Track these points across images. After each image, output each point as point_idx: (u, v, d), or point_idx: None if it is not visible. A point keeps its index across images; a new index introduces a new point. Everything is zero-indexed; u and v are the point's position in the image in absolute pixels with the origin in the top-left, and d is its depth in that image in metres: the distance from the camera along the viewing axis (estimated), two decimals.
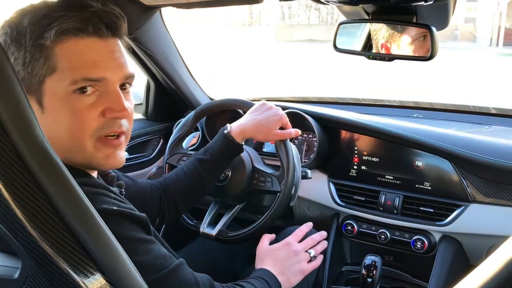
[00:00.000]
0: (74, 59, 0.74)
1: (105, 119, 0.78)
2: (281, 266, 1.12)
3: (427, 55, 1.13)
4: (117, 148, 0.81)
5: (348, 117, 1.57)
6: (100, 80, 0.76)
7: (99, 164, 0.81)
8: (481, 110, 1.81)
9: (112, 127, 0.79)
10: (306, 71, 12.09)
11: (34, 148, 0.50)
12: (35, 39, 0.73)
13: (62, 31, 0.73)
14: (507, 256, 0.40)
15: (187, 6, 1.42)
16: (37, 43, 0.73)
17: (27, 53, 0.73)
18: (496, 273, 0.40)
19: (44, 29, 0.73)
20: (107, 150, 0.80)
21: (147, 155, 1.86)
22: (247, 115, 1.30)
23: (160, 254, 0.82)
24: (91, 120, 0.76)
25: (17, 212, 0.50)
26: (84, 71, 0.75)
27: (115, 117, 0.79)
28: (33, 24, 0.73)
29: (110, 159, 0.81)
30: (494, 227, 1.32)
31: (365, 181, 1.53)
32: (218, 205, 1.46)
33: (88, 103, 0.76)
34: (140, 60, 1.70)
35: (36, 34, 0.73)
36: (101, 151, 0.79)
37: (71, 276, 0.53)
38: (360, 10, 1.20)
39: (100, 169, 0.84)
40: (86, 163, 0.80)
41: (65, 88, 0.74)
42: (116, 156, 0.82)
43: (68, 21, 0.73)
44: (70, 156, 0.78)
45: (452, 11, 1.11)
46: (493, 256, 0.42)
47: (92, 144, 0.78)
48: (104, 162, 0.81)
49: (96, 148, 0.78)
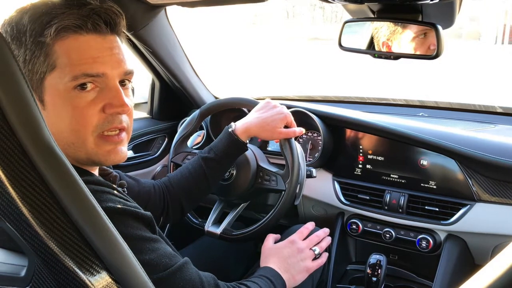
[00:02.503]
0: (74, 55, 0.75)
1: (105, 115, 0.79)
2: (286, 264, 1.13)
3: (432, 54, 1.12)
4: (118, 144, 0.82)
5: (353, 115, 1.56)
6: (100, 76, 0.77)
7: (100, 160, 0.81)
8: (487, 109, 1.80)
9: (112, 122, 0.80)
10: (310, 70, 12.06)
11: (41, 147, 0.50)
12: (35, 37, 0.74)
13: (61, 28, 0.74)
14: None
15: (192, 4, 1.42)
16: (37, 41, 0.74)
17: (28, 51, 0.74)
18: (503, 274, 0.40)
19: (44, 27, 0.73)
20: (108, 146, 0.80)
21: (152, 154, 1.86)
22: (252, 114, 1.29)
23: (165, 253, 0.82)
24: (91, 116, 0.77)
25: (23, 211, 0.50)
26: (84, 67, 0.75)
27: (115, 113, 0.79)
28: (33, 22, 0.74)
29: (112, 154, 0.81)
30: (499, 226, 1.31)
31: (370, 180, 1.53)
32: (222, 204, 1.46)
33: (88, 99, 0.77)
34: (145, 58, 1.70)
35: (36, 32, 0.74)
36: (102, 148, 0.80)
37: (77, 274, 0.53)
38: (366, 9, 1.20)
39: (102, 164, 0.85)
40: (88, 158, 0.80)
41: (65, 84, 0.75)
42: (117, 151, 0.82)
43: (67, 18, 0.74)
44: (72, 152, 0.78)
45: (458, 9, 1.10)
46: (499, 256, 0.42)
47: (93, 141, 0.78)
48: (106, 158, 0.81)
49: (97, 144, 0.79)
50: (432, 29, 1.10)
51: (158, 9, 1.53)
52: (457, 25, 1.46)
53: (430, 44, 1.14)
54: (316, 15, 27.77)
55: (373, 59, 1.28)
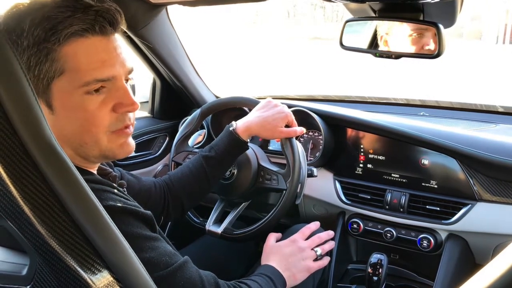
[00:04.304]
0: (83, 59, 0.75)
1: (116, 114, 0.80)
2: (287, 263, 1.13)
3: (434, 53, 1.12)
4: (128, 137, 0.85)
5: (354, 115, 1.56)
6: (110, 79, 0.78)
7: (114, 153, 0.84)
8: (488, 108, 1.80)
9: (123, 121, 0.82)
10: (311, 69, 12.06)
11: (42, 146, 0.50)
12: (40, 43, 0.72)
13: (71, 34, 0.73)
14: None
15: (193, 4, 1.42)
16: (42, 47, 0.72)
17: (32, 57, 0.73)
18: (504, 273, 0.40)
19: (47, 32, 0.72)
20: (121, 139, 0.83)
21: (153, 153, 1.86)
22: (253, 113, 1.29)
23: (166, 252, 0.82)
24: (103, 116, 0.78)
25: (25, 209, 0.50)
26: (95, 73, 0.75)
27: (126, 111, 0.81)
28: (35, 27, 0.72)
29: (125, 147, 0.84)
30: (500, 225, 1.31)
31: (371, 179, 1.53)
32: (223, 203, 1.46)
33: (99, 101, 0.78)
34: (146, 58, 1.70)
35: (40, 38, 0.72)
36: (116, 142, 0.82)
37: (79, 273, 0.53)
38: (367, 8, 1.20)
39: (116, 158, 0.86)
40: (102, 154, 0.82)
41: (76, 89, 0.75)
42: (129, 143, 0.86)
43: (75, 23, 0.73)
44: (84, 151, 0.80)
45: (459, 8, 1.10)
46: (500, 255, 0.42)
47: (107, 138, 0.80)
48: (120, 151, 0.84)
49: (110, 140, 0.81)
50: (433, 28, 1.10)
51: (159, 8, 1.53)
52: (458, 25, 1.46)
53: (424, 44, 1.16)
54: (317, 14, 27.74)
55: (374, 58, 1.28)
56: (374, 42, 1.26)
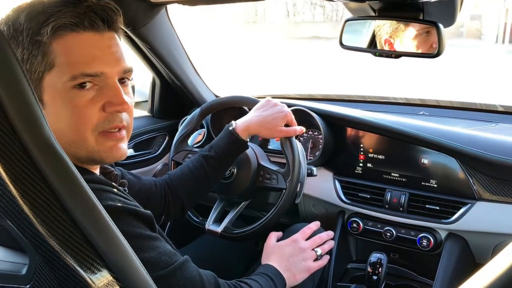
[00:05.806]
0: (72, 54, 0.75)
1: (105, 113, 0.78)
2: (287, 263, 1.13)
3: (433, 52, 1.12)
4: (119, 141, 0.82)
5: (354, 114, 1.56)
6: (98, 75, 0.77)
7: (102, 157, 0.81)
8: (487, 108, 1.80)
9: (113, 121, 0.80)
10: (311, 68, 12.05)
11: (42, 145, 0.50)
12: (32, 36, 0.73)
13: (58, 26, 0.73)
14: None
15: (192, 3, 1.42)
16: (34, 40, 0.73)
17: (25, 50, 0.74)
18: (503, 273, 0.40)
19: (40, 26, 0.73)
20: (109, 143, 0.80)
21: (152, 152, 1.86)
22: (252, 112, 1.29)
23: (165, 251, 0.82)
24: (91, 114, 0.77)
25: (24, 208, 0.50)
26: (83, 67, 0.75)
27: (115, 111, 0.79)
28: (30, 21, 0.73)
29: (114, 151, 0.81)
30: (500, 225, 1.31)
31: (370, 179, 1.53)
32: (223, 202, 1.46)
33: (87, 98, 0.76)
34: (146, 57, 1.70)
35: (33, 31, 0.73)
36: (103, 145, 0.80)
37: (78, 272, 0.53)
38: (367, 7, 1.20)
39: (104, 162, 0.84)
40: (89, 156, 0.80)
41: (64, 83, 0.74)
42: (119, 148, 0.82)
43: (64, 16, 0.73)
44: (73, 151, 0.78)
45: (459, 8, 1.10)
46: (500, 255, 0.42)
47: (94, 139, 0.78)
48: (107, 155, 0.81)
49: (98, 142, 0.79)
50: (434, 27, 1.09)
51: (159, 7, 1.52)
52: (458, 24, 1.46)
53: (433, 42, 1.14)
54: (317, 13, 27.73)
55: (374, 58, 1.27)
56: (374, 41, 1.26)
